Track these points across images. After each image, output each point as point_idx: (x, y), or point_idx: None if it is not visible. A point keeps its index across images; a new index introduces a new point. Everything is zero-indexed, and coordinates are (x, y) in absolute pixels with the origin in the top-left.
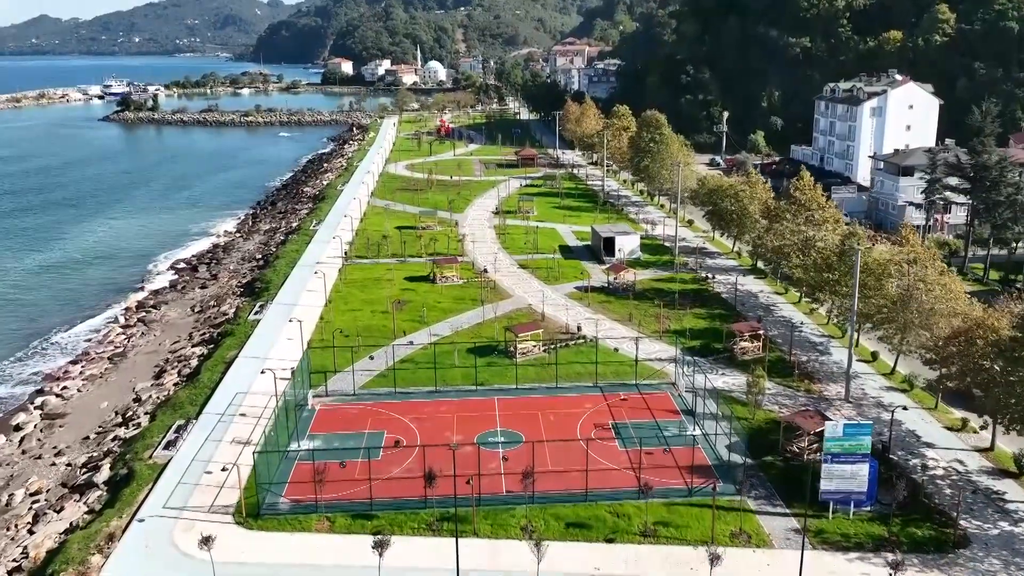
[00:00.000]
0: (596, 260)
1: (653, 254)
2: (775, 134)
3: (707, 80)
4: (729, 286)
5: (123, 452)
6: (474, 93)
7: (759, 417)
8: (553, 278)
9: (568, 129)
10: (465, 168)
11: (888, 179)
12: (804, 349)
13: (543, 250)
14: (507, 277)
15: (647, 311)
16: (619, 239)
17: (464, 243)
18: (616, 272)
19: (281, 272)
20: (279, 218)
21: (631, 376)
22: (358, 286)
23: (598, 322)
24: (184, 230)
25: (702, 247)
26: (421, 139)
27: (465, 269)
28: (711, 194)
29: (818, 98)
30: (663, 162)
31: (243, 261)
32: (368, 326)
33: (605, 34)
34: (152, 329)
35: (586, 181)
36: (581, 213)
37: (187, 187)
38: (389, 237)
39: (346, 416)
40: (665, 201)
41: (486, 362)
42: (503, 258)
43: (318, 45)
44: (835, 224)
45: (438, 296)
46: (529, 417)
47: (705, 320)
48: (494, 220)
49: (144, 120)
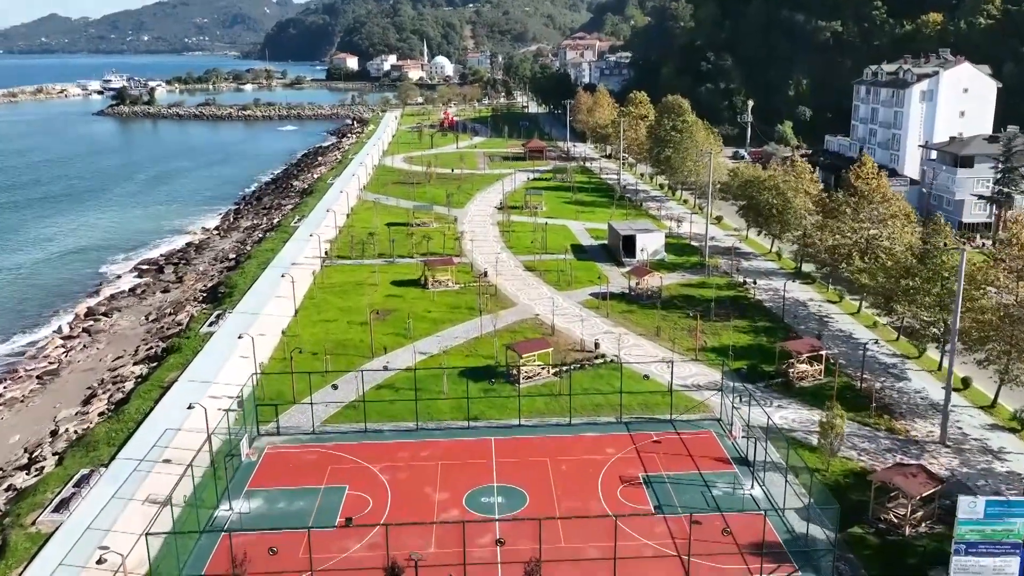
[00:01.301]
0: (614, 262)
1: (679, 255)
2: (803, 125)
3: (729, 68)
4: (771, 292)
5: (5, 512)
6: (481, 87)
7: (835, 468)
8: (565, 283)
9: (580, 120)
10: (468, 161)
11: (943, 171)
12: (874, 372)
13: (553, 250)
14: (511, 281)
15: (677, 323)
16: (641, 237)
17: (462, 242)
18: (639, 276)
19: (249, 275)
20: (262, 214)
21: (665, 409)
22: (336, 291)
23: (620, 337)
24: (158, 227)
25: (735, 247)
26: (422, 131)
27: (462, 272)
28: (746, 187)
29: (858, 82)
30: (687, 152)
31: (215, 262)
32: (342, 341)
33: (616, 29)
34: (96, 341)
35: (600, 175)
36: (595, 209)
37: (171, 182)
38: (376, 235)
39: (299, 464)
40: (689, 196)
41: (481, 389)
42: (507, 259)
43: (326, 43)
44: (906, 220)
45: (428, 304)
46: (535, 466)
47: (749, 335)
48: (498, 216)
49: (139, 114)
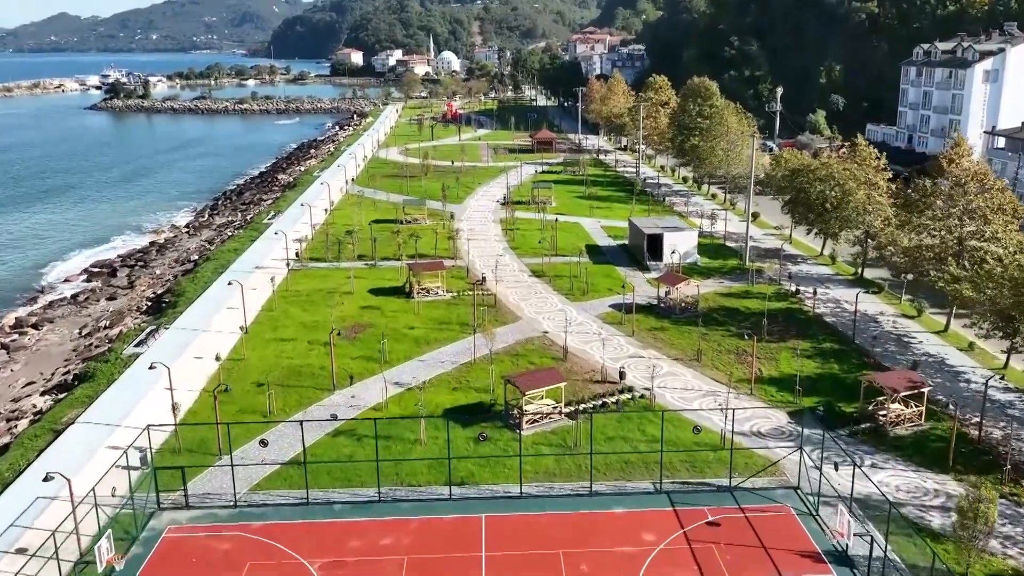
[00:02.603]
0: (638, 266)
1: (714, 257)
2: (835, 114)
3: (754, 53)
4: (831, 305)
5: None
6: (488, 82)
7: (977, 572)
8: (579, 291)
9: (592, 110)
10: (470, 153)
11: (1016, 161)
12: (987, 415)
13: (564, 251)
14: (514, 289)
15: (721, 344)
16: (669, 237)
17: (458, 241)
18: (671, 284)
19: (202, 280)
20: (240, 210)
21: (719, 470)
22: (300, 302)
23: (651, 364)
24: (124, 224)
25: (780, 248)
26: (423, 123)
27: (456, 277)
28: (793, 177)
29: (907, 63)
30: (716, 140)
31: (175, 264)
32: (297, 369)
33: (627, 23)
34: (13, 360)
35: (615, 168)
36: (612, 204)
37: (150, 176)
38: (356, 233)
39: (208, 558)
40: (717, 190)
41: (470, 437)
42: (510, 262)
43: (333, 40)
44: (1013, 216)
45: (412, 318)
46: (542, 564)
47: (814, 361)
48: (501, 213)
49: (133, 108)
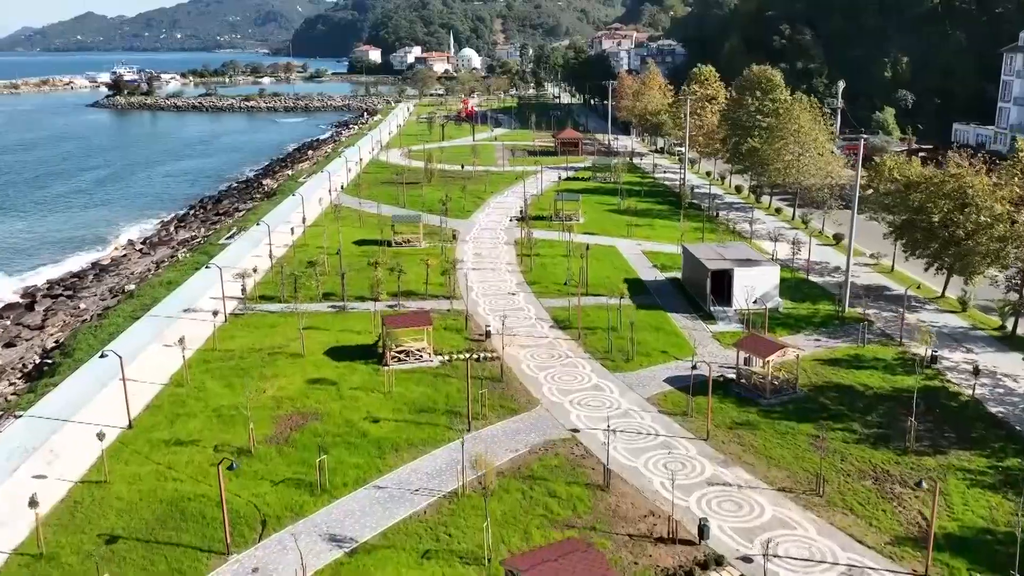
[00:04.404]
0: (697, 310)
1: (796, 297)
2: (903, 112)
3: (808, 43)
4: (989, 380)
5: None
6: (509, 79)
7: None
8: (620, 356)
9: (623, 107)
10: (484, 156)
11: None
12: None
13: (597, 287)
14: (530, 351)
15: (846, 456)
16: (742, 273)
17: (456, 274)
18: (760, 353)
19: (109, 329)
20: (210, 222)
21: None
22: (225, 372)
23: (747, 502)
24: (72, 239)
25: (908, 294)
26: (434, 121)
27: (450, 329)
28: (908, 192)
29: (1009, 50)
30: (783, 141)
31: (109, 295)
32: (181, 505)
33: (654, 19)
34: None
35: (652, 174)
36: (654, 221)
37: (126, 178)
38: (320, 266)
39: None
40: (781, 203)
41: None
42: (525, 304)
43: (353, 38)
44: None
45: (379, 403)
46: None
47: (999, 492)
48: (516, 232)
49: (136, 105)
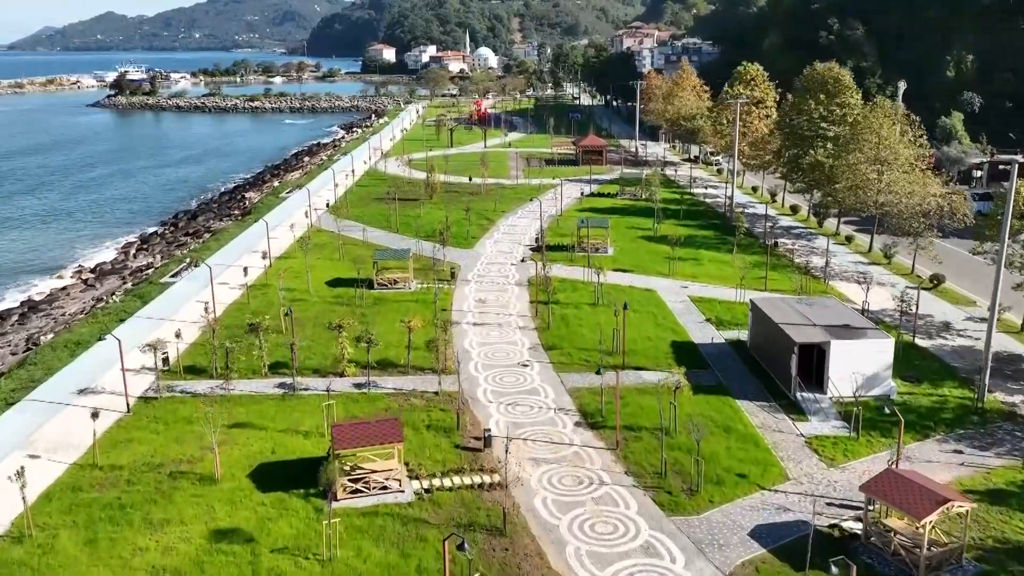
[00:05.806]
0: (771, 389)
1: (905, 374)
2: (970, 117)
3: (859, 39)
4: None
5: None
6: (526, 79)
7: None
8: (679, 483)
9: (651, 110)
10: (495, 166)
11: None
12: None
13: (637, 355)
14: (547, 471)
15: None
16: (841, 348)
17: (449, 338)
18: (912, 508)
19: None
20: (176, 244)
21: None
22: (100, 510)
23: None
24: (14, 266)
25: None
26: (442, 125)
27: (435, 427)
28: None
29: None
30: (859, 159)
31: (21, 349)
32: None
33: (677, 17)
34: None
35: (690, 189)
36: (699, 251)
37: (100, 189)
38: (263, 325)
39: None
40: (850, 228)
41: None
42: (541, 383)
43: (370, 37)
44: None
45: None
46: None
47: None
48: (530, 268)
49: (137, 105)
